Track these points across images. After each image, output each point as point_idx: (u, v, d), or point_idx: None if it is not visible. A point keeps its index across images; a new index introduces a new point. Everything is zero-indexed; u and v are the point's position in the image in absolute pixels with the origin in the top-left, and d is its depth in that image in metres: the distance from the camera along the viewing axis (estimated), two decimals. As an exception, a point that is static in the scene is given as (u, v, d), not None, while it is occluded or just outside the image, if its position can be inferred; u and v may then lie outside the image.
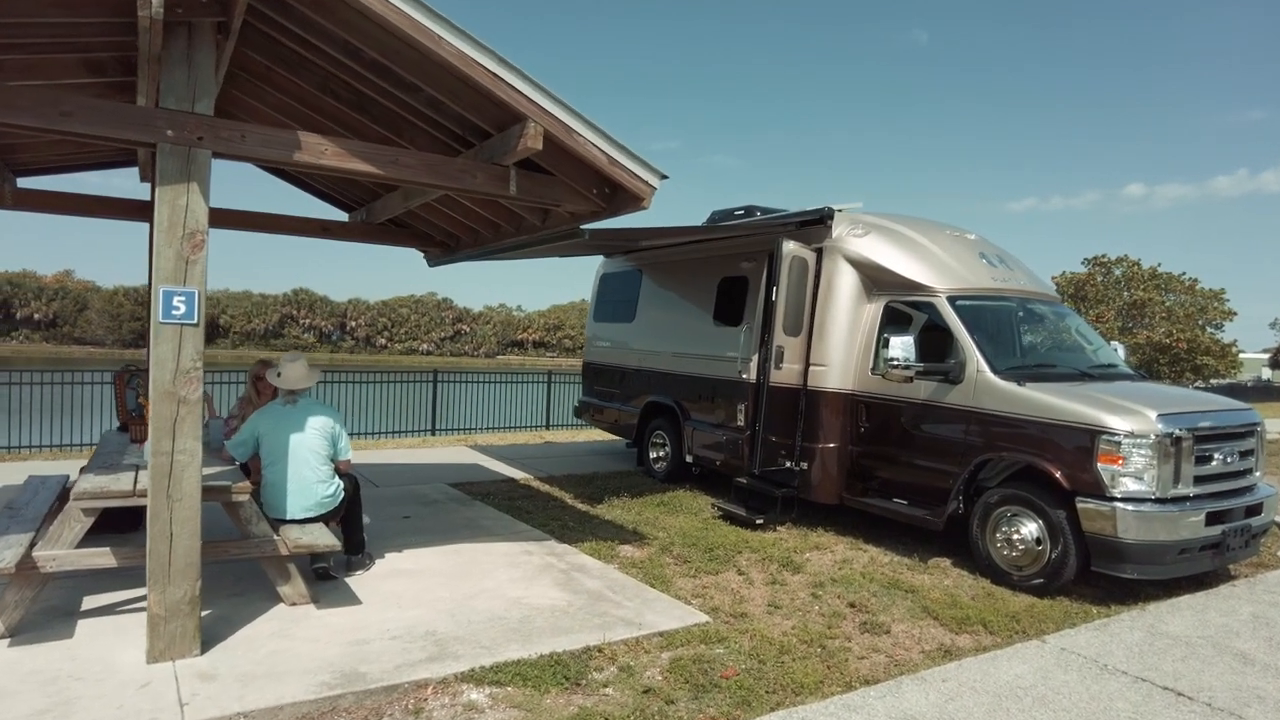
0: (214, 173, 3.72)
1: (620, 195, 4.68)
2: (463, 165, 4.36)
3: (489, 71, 3.84)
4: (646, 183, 4.44)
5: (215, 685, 3.47)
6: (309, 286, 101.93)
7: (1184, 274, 39.91)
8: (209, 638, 3.94)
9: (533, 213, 5.55)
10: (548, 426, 14.74)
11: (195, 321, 3.66)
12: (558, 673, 3.78)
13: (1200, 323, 37.50)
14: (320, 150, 3.94)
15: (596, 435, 12.20)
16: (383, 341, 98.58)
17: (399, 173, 4.16)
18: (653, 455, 9.20)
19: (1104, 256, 40.77)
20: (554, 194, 4.66)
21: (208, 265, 3.71)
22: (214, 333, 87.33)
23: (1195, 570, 5.41)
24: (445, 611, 4.49)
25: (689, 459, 8.50)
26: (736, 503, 7.17)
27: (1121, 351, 7.28)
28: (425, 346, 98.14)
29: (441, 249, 7.27)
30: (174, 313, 3.62)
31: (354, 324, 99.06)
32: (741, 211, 8.23)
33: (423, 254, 7.60)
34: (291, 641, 4.00)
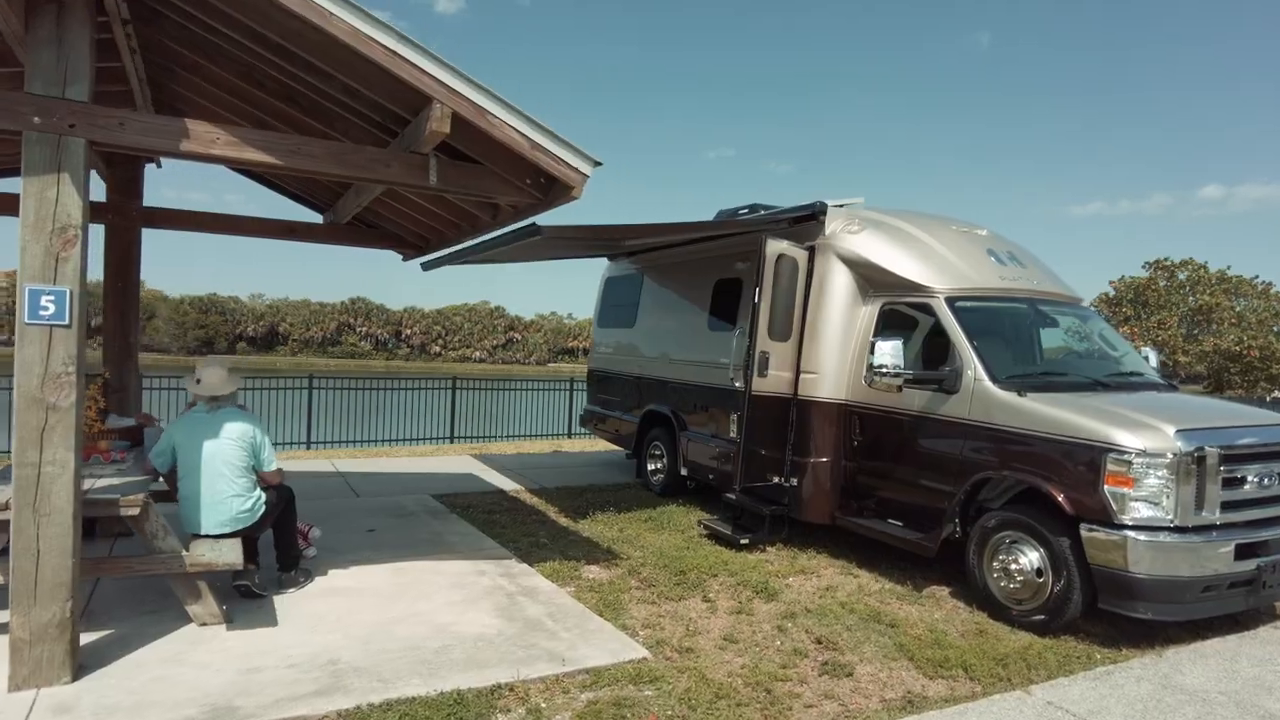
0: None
1: (558, 185, 4.29)
2: (375, 154, 4.03)
3: (385, 49, 3.50)
4: (577, 170, 4.03)
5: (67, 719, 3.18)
6: (366, 295, 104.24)
7: (1256, 277, 37.55)
8: (94, 661, 3.68)
9: (481, 208, 5.21)
10: (569, 435, 14.42)
11: (67, 323, 3.40)
12: (453, 714, 3.38)
13: (1275, 329, 35.10)
14: (211, 140, 3.65)
15: (609, 445, 11.79)
16: (437, 349, 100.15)
17: (302, 163, 3.84)
18: (650, 467, 8.75)
19: (1166, 260, 38.63)
20: (484, 185, 4.29)
21: (84, 263, 3.45)
22: (273, 340, 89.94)
23: (1223, 611, 4.69)
24: (360, 638, 4.14)
25: (683, 471, 8.03)
26: (724, 521, 6.68)
27: (1153, 359, 6.53)
28: (478, 354, 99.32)
29: (415, 250, 6.99)
30: (42, 313, 3.35)
31: (409, 332, 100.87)
32: (746, 210, 7.75)
33: (401, 256, 7.33)
34: (180, 668, 3.70)
